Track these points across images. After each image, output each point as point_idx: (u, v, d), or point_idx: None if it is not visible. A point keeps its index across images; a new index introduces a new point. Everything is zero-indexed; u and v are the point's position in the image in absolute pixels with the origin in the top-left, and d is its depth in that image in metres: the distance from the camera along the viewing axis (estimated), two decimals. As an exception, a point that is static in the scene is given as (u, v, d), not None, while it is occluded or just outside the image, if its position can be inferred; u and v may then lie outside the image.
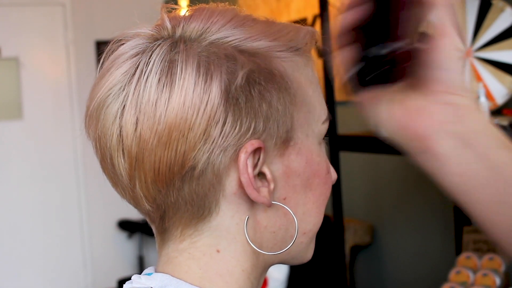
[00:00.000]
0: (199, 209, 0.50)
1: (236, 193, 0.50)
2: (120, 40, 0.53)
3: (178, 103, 0.47)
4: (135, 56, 0.50)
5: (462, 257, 1.92)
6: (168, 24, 0.52)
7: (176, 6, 0.55)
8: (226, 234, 0.51)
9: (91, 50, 4.20)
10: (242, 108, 0.48)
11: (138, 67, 0.49)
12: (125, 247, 4.30)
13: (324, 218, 0.58)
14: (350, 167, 2.69)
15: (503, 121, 1.69)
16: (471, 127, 0.47)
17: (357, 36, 0.51)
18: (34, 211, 4.10)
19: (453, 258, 2.03)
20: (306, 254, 0.57)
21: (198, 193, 0.49)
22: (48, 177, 4.13)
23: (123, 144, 0.49)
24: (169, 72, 0.48)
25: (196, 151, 0.48)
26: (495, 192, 0.47)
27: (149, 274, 0.53)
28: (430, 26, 0.50)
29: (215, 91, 0.47)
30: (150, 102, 0.48)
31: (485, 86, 1.89)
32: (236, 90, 0.48)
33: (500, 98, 1.87)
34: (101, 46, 4.13)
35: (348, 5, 0.51)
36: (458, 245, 2.07)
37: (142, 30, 0.52)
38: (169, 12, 0.54)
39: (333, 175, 0.57)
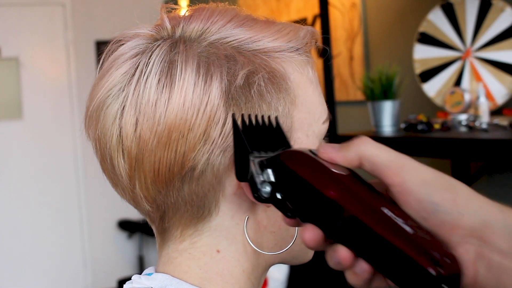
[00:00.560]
0: (199, 210, 0.50)
1: (236, 194, 0.50)
2: (120, 41, 0.53)
3: (178, 104, 0.47)
4: (135, 57, 0.50)
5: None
6: (168, 25, 0.52)
7: (176, 6, 0.55)
8: (226, 234, 0.51)
9: (91, 50, 4.20)
10: (242, 109, 0.48)
11: (138, 68, 0.49)
12: (125, 247, 4.30)
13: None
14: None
15: (503, 121, 1.68)
16: (500, 248, 0.39)
17: None
18: (34, 211, 4.10)
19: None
20: (307, 254, 0.57)
21: (198, 194, 0.49)
22: (48, 177, 4.13)
23: (123, 145, 0.49)
24: (169, 73, 0.48)
25: (196, 152, 0.48)
26: None
27: (149, 274, 0.53)
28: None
29: (215, 92, 0.47)
30: (150, 103, 0.48)
31: (485, 86, 1.89)
32: (236, 91, 0.48)
33: (500, 98, 1.87)
34: (101, 46, 4.13)
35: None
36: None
37: (142, 31, 0.52)
38: (169, 12, 0.54)
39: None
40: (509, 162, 1.74)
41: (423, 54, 2.11)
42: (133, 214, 4.05)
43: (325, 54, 2.08)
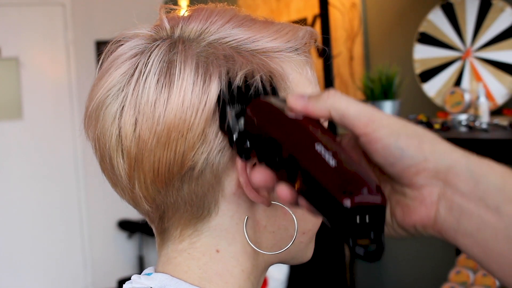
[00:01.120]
0: (199, 209, 0.50)
1: (235, 193, 0.50)
2: (119, 41, 0.53)
3: (177, 104, 0.47)
4: (134, 57, 0.50)
5: (462, 257, 1.92)
6: (167, 25, 0.52)
7: (175, 7, 0.55)
8: (226, 234, 0.51)
9: (91, 50, 4.20)
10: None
11: (137, 68, 0.49)
12: (125, 247, 4.31)
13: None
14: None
15: (503, 121, 1.69)
16: (462, 191, 0.41)
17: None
18: (34, 211, 4.10)
19: (453, 258, 2.03)
20: (306, 254, 0.57)
21: (197, 193, 0.49)
22: (48, 177, 4.13)
23: (122, 145, 0.49)
24: (168, 73, 0.48)
25: (195, 151, 0.48)
26: None
27: (149, 274, 0.53)
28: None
29: (214, 92, 0.48)
30: (149, 103, 0.48)
31: (485, 86, 1.89)
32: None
33: (500, 98, 1.87)
34: (101, 46, 4.12)
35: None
36: (458, 245, 2.07)
37: (141, 31, 0.52)
38: (168, 13, 0.54)
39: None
40: (509, 162, 1.74)
41: (423, 54, 2.11)
42: (133, 214, 4.05)
43: (325, 55, 2.08)
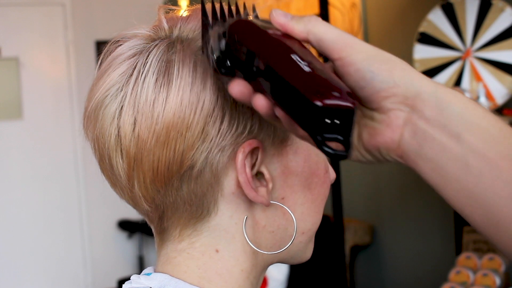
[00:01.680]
0: (198, 209, 0.50)
1: (235, 193, 0.50)
2: (118, 41, 0.53)
3: (176, 103, 0.47)
4: (133, 57, 0.50)
5: (462, 257, 1.92)
6: (165, 25, 0.52)
7: (174, 7, 0.55)
8: (225, 234, 0.51)
9: (91, 50, 4.20)
10: (239, 107, 0.48)
11: (136, 68, 0.49)
12: (125, 247, 4.31)
13: (324, 218, 0.58)
14: (350, 167, 2.69)
15: (503, 121, 1.68)
16: (427, 116, 0.42)
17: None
18: (34, 211, 4.10)
19: (453, 258, 2.03)
20: (305, 254, 0.57)
21: (197, 193, 0.49)
22: (48, 177, 4.13)
23: (122, 145, 0.49)
24: (166, 72, 0.48)
25: (195, 150, 0.48)
26: (466, 187, 0.42)
27: (148, 274, 0.53)
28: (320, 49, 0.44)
29: (212, 90, 0.48)
30: (148, 102, 0.48)
31: (485, 86, 1.89)
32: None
33: (500, 98, 1.87)
34: (101, 46, 4.11)
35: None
36: (458, 245, 2.07)
37: (140, 31, 0.52)
38: (167, 13, 0.54)
39: (332, 175, 0.57)
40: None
41: (423, 54, 2.11)
42: (133, 214, 4.03)
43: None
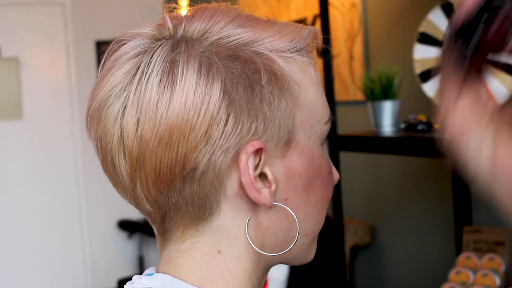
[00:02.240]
0: (200, 210, 0.50)
1: (237, 194, 0.50)
2: (122, 40, 0.52)
3: (179, 104, 0.47)
4: (137, 57, 0.50)
5: (462, 257, 1.92)
6: (170, 24, 0.52)
7: (178, 6, 0.55)
8: (227, 235, 0.51)
9: (91, 50, 4.20)
10: (244, 109, 0.48)
11: (139, 68, 0.49)
12: (125, 247, 4.30)
13: (325, 218, 0.58)
14: (350, 167, 2.69)
15: (503, 121, 1.68)
16: None
17: None
18: (34, 211, 4.10)
19: (453, 258, 2.03)
20: (308, 255, 0.57)
21: (199, 194, 0.49)
22: (48, 177, 4.13)
23: (124, 145, 0.49)
24: (170, 73, 0.48)
25: (197, 152, 0.47)
26: None
27: (150, 275, 0.53)
28: None
29: (216, 92, 0.47)
30: (151, 103, 0.48)
31: (485, 86, 1.89)
32: (238, 91, 0.48)
33: (500, 98, 1.87)
34: (101, 46, 4.13)
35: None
36: (458, 245, 2.07)
37: (144, 30, 0.52)
38: (171, 12, 0.54)
39: (335, 176, 0.57)
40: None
41: (423, 54, 2.11)
42: (133, 214, 4.05)
43: (326, 54, 2.08)
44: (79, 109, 4.13)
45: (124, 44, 0.52)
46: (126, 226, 4.18)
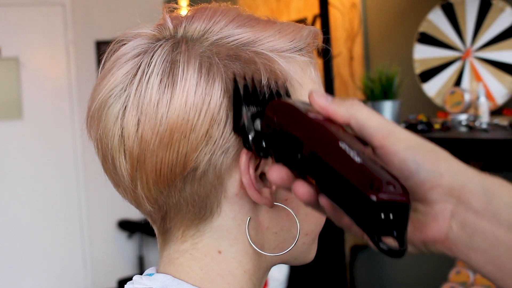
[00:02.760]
0: (201, 210, 0.50)
1: (238, 194, 0.50)
2: (122, 40, 0.52)
3: (180, 104, 0.47)
4: (137, 57, 0.50)
5: (462, 257, 1.92)
6: (170, 24, 0.52)
7: (178, 6, 0.55)
8: (228, 235, 0.51)
9: (91, 50, 4.20)
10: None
11: (140, 68, 0.49)
12: (125, 247, 4.30)
13: (325, 218, 0.58)
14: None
15: (503, 121, 1.68)
16: (475, 208, 0.41)
17: None
18: (34, 211, 4.10)
19: (453, 258, 2.03)
20: (309, 255, 0.57)
21: (200, 194, 0.49)
22: (48, 177, 4.13)
23: (125, 145, 0.49)
24: (171, 73, 0.48)
25: (198, 152, 0.47)
26: None
27: (151, 275, 0.53)
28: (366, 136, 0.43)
29: (217, 92, 0.47)
30: (152, 103, 0.48)
31: (485, 86, 1.89)
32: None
33: (500, 98, 1.87)
34: (101, 46, 4.13)
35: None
36: (458, 245, 2.07)
37: (144, 30, 0.52)
38: (171, 12, 0.53)
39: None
40: (509, 162, 1.74)
41: (423, 54, 2.11)
42: (133, 214, 4.05)
43: (326, 55, 2.08)
44: (79, 109, 4.13)
45: (124, 44, 0.52)
46: (126, 226, 4.18)
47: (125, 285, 0.53)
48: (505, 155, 1.48)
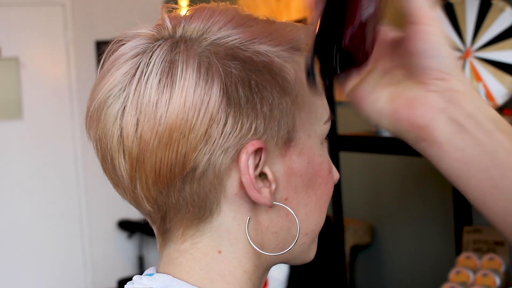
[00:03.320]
0: (200, 210, 0.50)
1: (238, 194, 0.50)
2: (121, 41, 0.52)
3: (179, 104, 0.47)
4: (136, 57, 0.50)
5: (462, 257, 1.92)
6: (169, 24, 0.52)
7: (177, 6, 0.55)
8: (228, 235, 0.51)
9: (91, 50, 4.20)
10: (243, 109, 0.48)
11: (139, 68, 0.49)
12: (125, 247, 4.30)
13: (325, 218, 0.58)
14: (350, 167, 2.69)
15: None
16: (467, 112, 0.47)
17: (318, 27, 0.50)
18: (34, 211, 4.10)
19: (453, 258, 2.03)
20: (309, 254, 0.57)
21: (199, 194, 0.49)
22: (48, 177, 4.13)
23: (124, 145, 0.49)
24: (170, 73, 0.48)
25: (197, 152, 0.47)
26: (492, 177, 0.47)
27: (151, 275, 0.53)
28: (405, 14, 0.48)
29: (216, 92, 0.47)
30: (151, 103, 0.48)
31: (485, 86, 1.89)
32: (237, 91, 0.48)
33: (500, 98, 1.87)
34: (101, 46, 4.13)
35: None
36: (458, 245, 2.07)
37: (143, 30, 0.52)
38: (170, 12, 0.53)
39: (335, 175, 0.57)
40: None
41: (423, 54, 2.11)
42: (133, 214, 4.05)
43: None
44: (79, 109, 4.13)
45: (123, 45, 0.52)
46: (126, 226, 4.18)
47: (125, 285, 0.53)
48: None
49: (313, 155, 0.53)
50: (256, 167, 0.49)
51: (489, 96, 1.87)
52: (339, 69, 0.48)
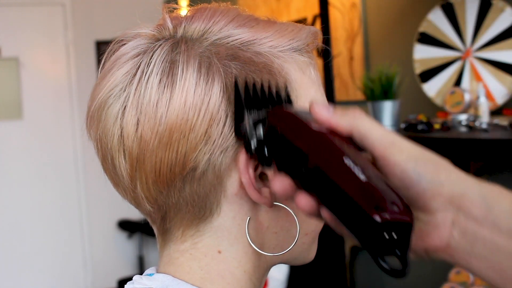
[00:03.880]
0: (200, 210, 0.50)
1: (238, 194, 0.50)
2: (122, 40, 0.53)
3: (179, 104, 0.47)
4: (136, 57, 0.50)
5: (462, 257, 1.92)
6: (170, 24, 0.52)
7: (178, 6, 0.55)
8: (228, 235, 0.51)
9: (91, 50, 4.20)
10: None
11: (139, 68, 0.49)
12: (125, 247, 4.30)
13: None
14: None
15: (503, 121, 1.68)
16: (474, 216, 0.42)
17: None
18: (34, 211, 4.10)
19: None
20: (309, 255, 0.57)
21: (199, 194, 0.49)
22: (48, 177, 4.13)
23: (124, 145, 0.49)
24: (170, 73, 0.48)
25: (197, 152, 0.47)
26: None
27: (151, 275, 0.53)
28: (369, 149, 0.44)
29: (216, 92, 0.47)
30: (151, 103, 0.48)
31: (485, 86, 1.89)
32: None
33: (500, 98, 1.87)
34: (101, 46, 4.13)
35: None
36: (458, 245, 2.07)
37: (143, 30, 0.52)
38: (171, 12, 0.54)
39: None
40: (509, 162, 1.74)
41: (423, 54, 2.11)
42: (133, 214, 4.05)
43: (327, 55, 2.08)
44: (79, 109, 4.13)
45: (124, 45, 0.52)
46: (126, 226, 4.18)
47: (125, 285, 0.53)
48: (505, 155, 1.48)
49: (314, 155, 0.52)
50: (256, 167, 0.49)
51: (489, 96, 1.87)
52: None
